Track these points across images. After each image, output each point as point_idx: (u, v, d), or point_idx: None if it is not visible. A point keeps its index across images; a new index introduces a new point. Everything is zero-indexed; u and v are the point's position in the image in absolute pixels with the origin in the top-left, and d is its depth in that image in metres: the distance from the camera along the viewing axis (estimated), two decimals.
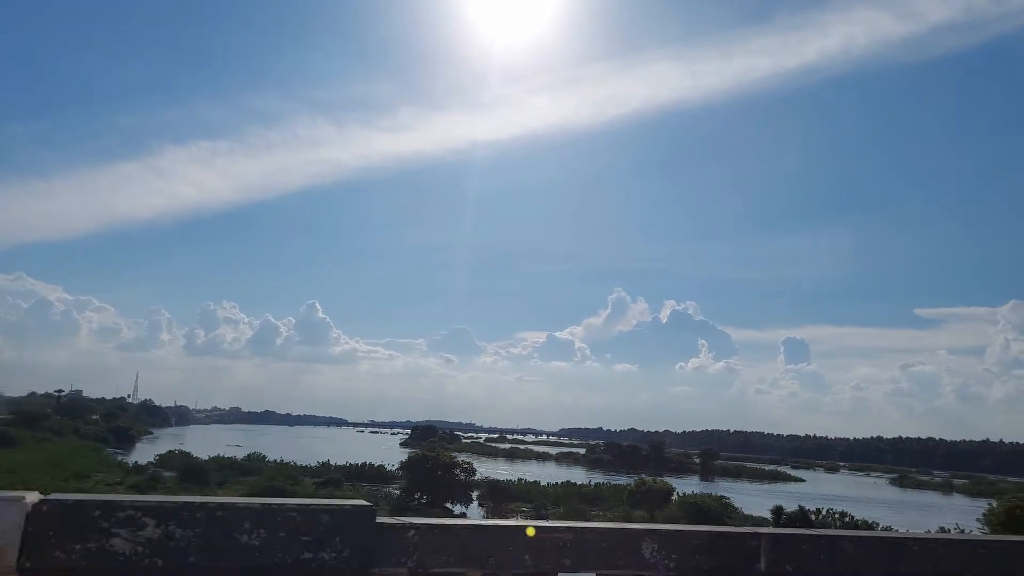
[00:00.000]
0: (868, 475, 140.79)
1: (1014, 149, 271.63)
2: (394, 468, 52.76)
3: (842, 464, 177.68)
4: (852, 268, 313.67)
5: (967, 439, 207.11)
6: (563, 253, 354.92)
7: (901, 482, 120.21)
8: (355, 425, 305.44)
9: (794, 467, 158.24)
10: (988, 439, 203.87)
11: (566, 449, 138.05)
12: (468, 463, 50.38)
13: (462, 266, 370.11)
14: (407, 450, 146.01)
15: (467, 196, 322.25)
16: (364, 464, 65.78)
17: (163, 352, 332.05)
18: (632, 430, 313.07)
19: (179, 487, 45.05)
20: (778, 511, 47.89)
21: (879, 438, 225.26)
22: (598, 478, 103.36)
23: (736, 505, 55.47)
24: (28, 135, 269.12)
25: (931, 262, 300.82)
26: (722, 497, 51.88)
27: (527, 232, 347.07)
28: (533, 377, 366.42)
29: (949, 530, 44.10)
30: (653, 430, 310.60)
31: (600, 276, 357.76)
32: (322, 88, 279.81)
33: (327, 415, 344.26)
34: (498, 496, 53.77)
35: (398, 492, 45.56)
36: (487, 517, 48.34)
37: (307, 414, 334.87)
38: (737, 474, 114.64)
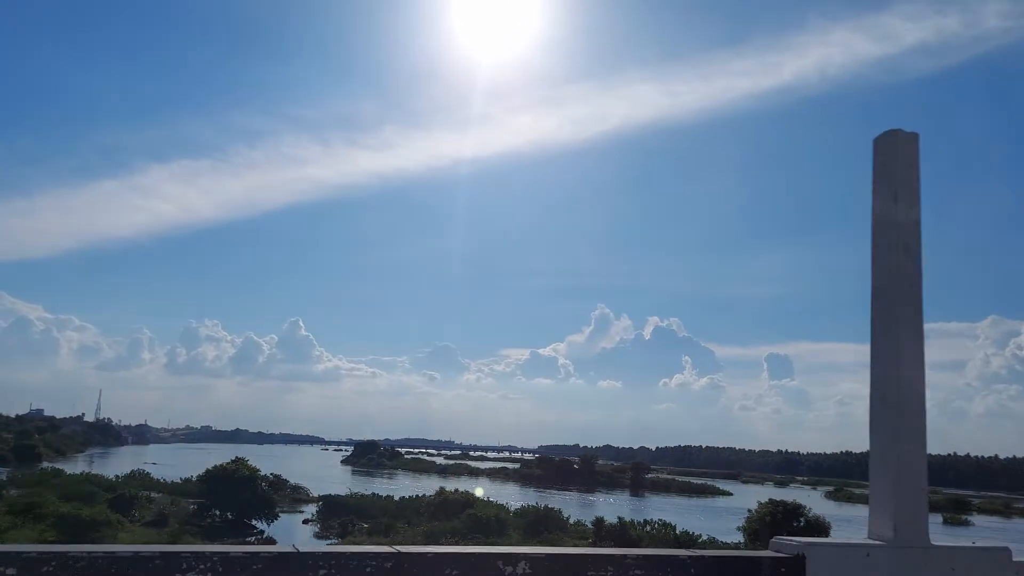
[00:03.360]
0: (815, 488, 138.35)
1: (989, 166, 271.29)
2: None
3: (799, 478, 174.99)
4: (834, 284, 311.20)
5: (935, 453, 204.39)
6: (546, 270, 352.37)
7: (836, 495, 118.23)
8: (332, 443, 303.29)
9: (744, 481, 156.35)
10: (955, 453, 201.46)
11: (500, 465, 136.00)
12: (277, 476, 48.84)
13: (445, 283, 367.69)
14: (348, 467, 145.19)
15: (450, 214, 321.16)
16: None
17: (144, 371, 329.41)
18: (608, 447, 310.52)
19: None
20: (599, 522, 46.32)
21: (847, 452, 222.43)
22: (529, 494, 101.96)
23: (577, 517, 53.77)
24: (8, 152, 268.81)
25: None
26: (551, 509, 50.06)
27: (510, 249, 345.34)
28: (517, 394, 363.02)
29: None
30: (628, 447, 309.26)
31: (583, 293, 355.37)
32: (306, 106, 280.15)
33: (305, 433, 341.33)
34: (334, 512, 52.37)
35: (194, 507, 43.83)
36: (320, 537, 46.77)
37: (283, 432, 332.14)
38: (667, 488, 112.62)
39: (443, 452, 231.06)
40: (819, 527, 33.00)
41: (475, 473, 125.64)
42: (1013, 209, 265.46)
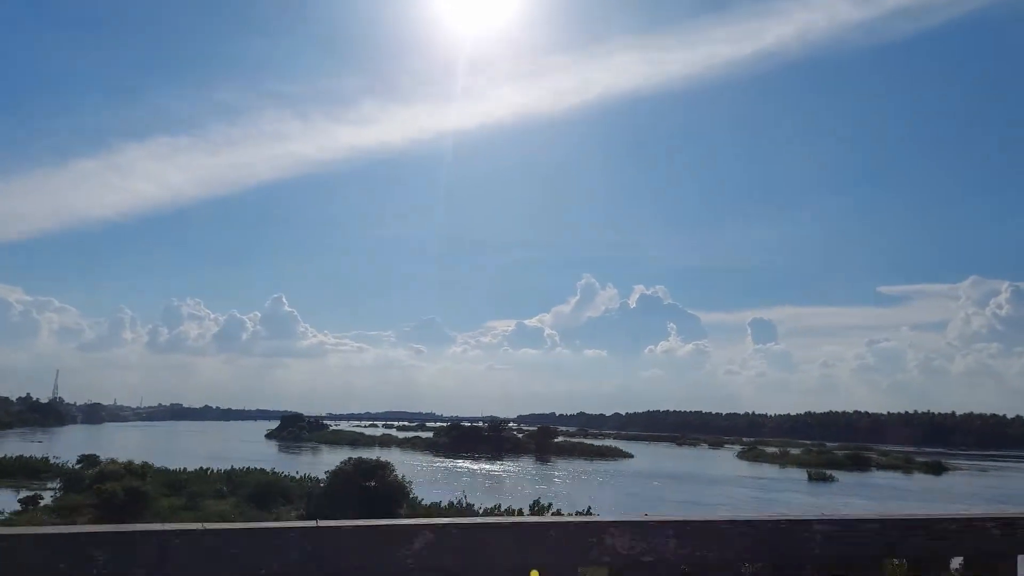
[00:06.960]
0: (744, 448, 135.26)
1: (970, 130, 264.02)
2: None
3: (747, 439, 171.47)
4: (816, 249, 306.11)
5: (892, 412, 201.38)
6: (531, 241, 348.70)
7: (746, 454, 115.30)
8: (311, 419, 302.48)
9: (679, 444, 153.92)
10: (916, 410, 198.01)
11: (411, 434, 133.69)
12: None
13: (430, 256, 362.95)
14: (273, 441, 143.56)
15: (433, 187, 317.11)
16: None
17: (125, 351, 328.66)
18: (581, 414, 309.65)
19: None
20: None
21: (808, 413, 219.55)
22: (435, 462, 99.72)
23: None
24: None
25: (893, 241, 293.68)
26: (293, 478, 47.01)
27: (494, 221, 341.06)
28: (503, 365, 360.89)
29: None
30: (601, 413, 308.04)
31: (568, 263, 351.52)
32: (286, 82, 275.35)
33: (285, 409, 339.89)
34: (72, 487, 50.20)
35: None
36: None
37: (260, 409, 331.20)
38: (571, 452, 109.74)
39: (401, 424, 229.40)
40: (397, 488, 29.90)
41: (388, 443, 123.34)
42: (992, 171, 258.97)
